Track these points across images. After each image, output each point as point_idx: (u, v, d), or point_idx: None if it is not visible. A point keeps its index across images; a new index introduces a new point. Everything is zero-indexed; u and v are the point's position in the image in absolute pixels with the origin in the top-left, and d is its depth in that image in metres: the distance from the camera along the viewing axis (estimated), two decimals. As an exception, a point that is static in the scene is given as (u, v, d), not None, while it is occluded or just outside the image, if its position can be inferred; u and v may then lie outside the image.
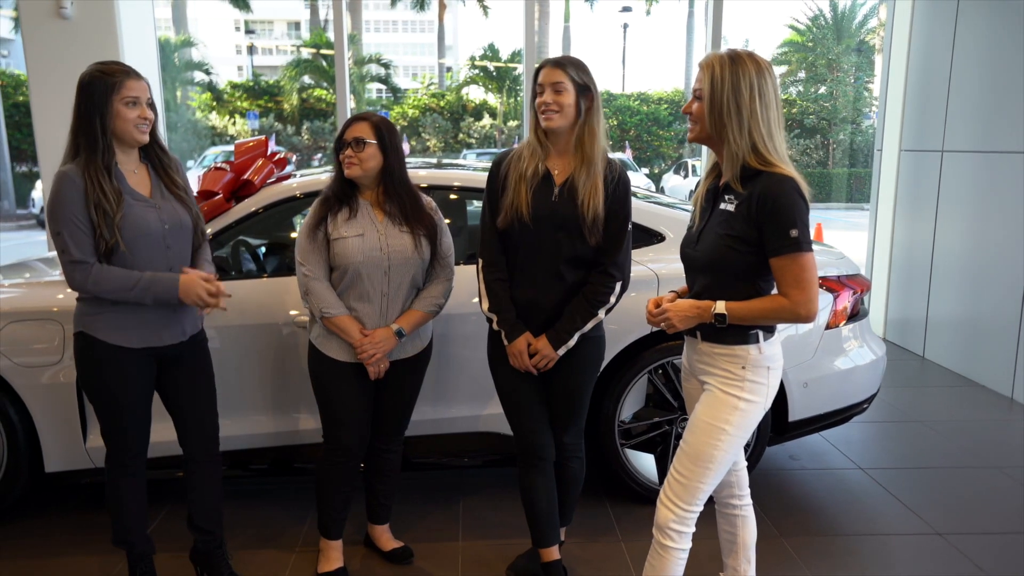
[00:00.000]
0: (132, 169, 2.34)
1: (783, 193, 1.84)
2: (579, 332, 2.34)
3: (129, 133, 2.27)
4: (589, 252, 2.34)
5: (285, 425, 3.07)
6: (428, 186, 3.26)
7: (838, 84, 25.12)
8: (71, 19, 5.27)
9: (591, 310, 2.34)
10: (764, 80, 1.90)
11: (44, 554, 2.89)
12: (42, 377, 2.88)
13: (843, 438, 4.01)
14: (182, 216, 2.40)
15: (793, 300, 1.86)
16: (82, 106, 2.23)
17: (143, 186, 2.35)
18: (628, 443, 3.18)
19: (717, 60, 1.91)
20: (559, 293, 2.36)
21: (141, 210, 2.29)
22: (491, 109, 25.16)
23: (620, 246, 2.34)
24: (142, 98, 2.27)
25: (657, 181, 21.37)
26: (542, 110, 2.28)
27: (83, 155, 2.23)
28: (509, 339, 2.38)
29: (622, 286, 2.38)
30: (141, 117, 2.27)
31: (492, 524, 3.10)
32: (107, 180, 2.22)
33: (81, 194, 2.19)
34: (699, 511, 2.00)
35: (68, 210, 2.19)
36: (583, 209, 2.28)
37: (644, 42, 61.86)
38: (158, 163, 2.40)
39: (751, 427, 1.98)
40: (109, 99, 2.22)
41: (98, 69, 2.25)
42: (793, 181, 1.86)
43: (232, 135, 23.59)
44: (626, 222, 2.35)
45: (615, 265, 2.35)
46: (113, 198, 2.21)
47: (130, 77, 2.26)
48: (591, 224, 2.29)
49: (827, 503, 3.32)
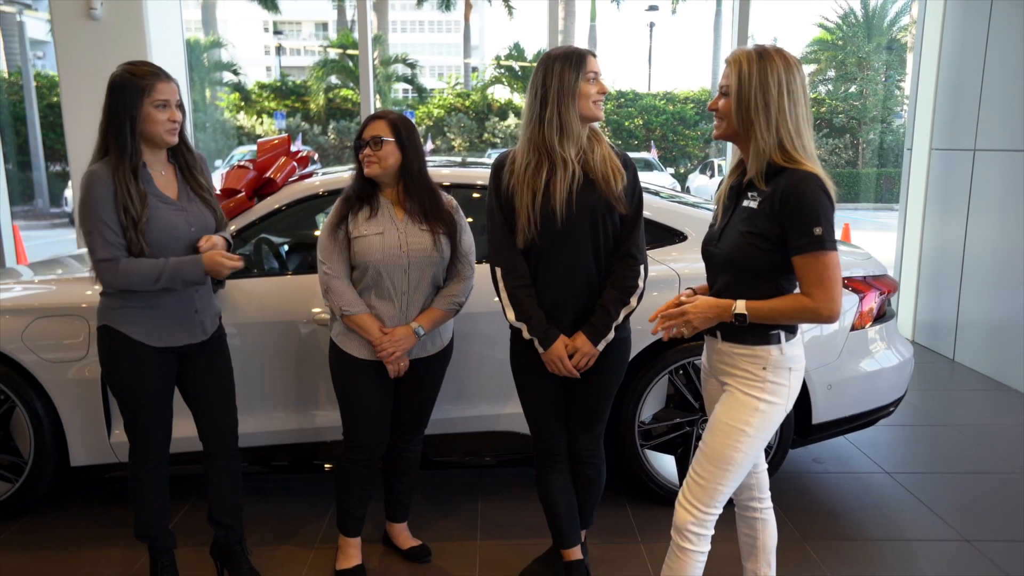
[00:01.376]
0: (160, 170, 2.37)
1: (807, 190, 1.81)
2: (615, 323, 2.30)
3: (159, 135, 2.29)
4: (611, 235, 2.30)
5: (306, 422, 3.08)
6: (451, 184, 3.26)
7: (868, 83, 24.74)
8: (100, 20, 5.35)
9: (623, 298, 2.30)
10: (792, 76, 1.86)
11: (69, 546, 2.94)
12: (68, 372, 2.93)
13: (869, 441, 3.95)
14: (208, 219, 2.43)
15: (815, 300, 1.82)
16: (112, 107, 2.25)
17: (170, 188, 2.38)
18: (648, 444, 3.15)
19: (745, 56, 1.88)
20: (585, 286, 2.30)
21: (168, 213, 2.32)
22: (516, 109, 25.13)
23: (638, 228, 2.32)
24: (172, 100, 2.29)
25: (683, 181, 21.20)
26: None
27: (112, 156, 2.26)
28: (545, 346, 2.28)
29: (645, 268, 2.34)
30: (171, 119, 2.29)
31: (511, 524, 3.09)
32: (133, 183, 2.24)
33: (111, 193, 2.22)
34: (718, 513, 1.97)
35: (98, 209, 2.22)
36: (606, 178, 2.24)
37: (670, 41, 61.43)
38: (184, 164, 2.42)
39: (771, 429, 1.95)
40: (140, 102, 2.24)
41: (128, 71, 2.26)
42: (818, 178, 1.83)
43: (259, 135, 23.85)
44: (640, 204, 2.33)
45: (635, 247, 2.32)
46: (138, 202, 2.23)
47: (160, 79, 2.27)
48: (619, 193, 2.25)
49: (852, 507, 3.26)
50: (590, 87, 2.22)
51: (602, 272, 2.31)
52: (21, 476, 3.02)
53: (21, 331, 2.91)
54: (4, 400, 2.98)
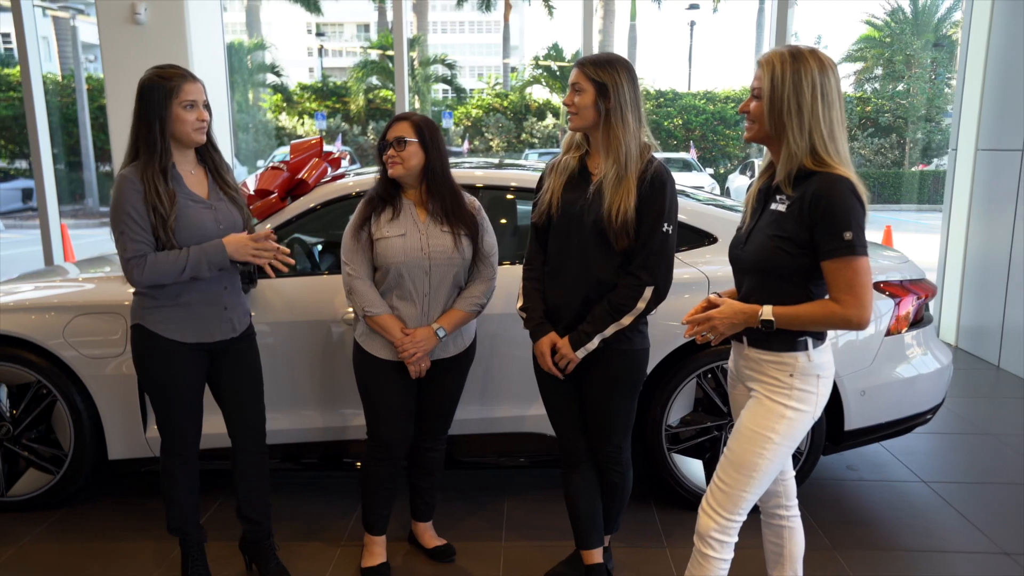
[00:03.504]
0: (190, 170, 2.42)
1: (838, 194, 1.77)
2: (600, 336, 2.26)
3: (187, 135, 2.35)
4: (620, 255, 2.27)
5: (335, 420, 3.12)
6: (484, 186, 3.27)
7: (916, 81, 24.14)
8: (144, 25, 5.49)
9: (613, 315, 2.24)
10: (827, 78, 1.82)
11: (106, 537, 3.02)
12: (106, 368, 3.01)
13: (905, 449, 3.85)
14: (236, 217, 2.48)
15: (845, 306, 1.78)
16: (142, 110, 2.32)
17: (200, 187, 2.43)
18: (676, 448, 3.13)
19: (778, 57, 1.84)
20: (589, 294, 2.29)
21: (198, 211, 2.37)
22: (554, 109, 25.10)
23: (651, 247, 2.22)
24: (199, 100, 2.35)
25: (723, 181, 20.93)
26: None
27: (142, 158, 2.32)
28: (533, 338, 2.38)
29: (654, 292, 2.24)
30: (199, 119, 2.35)
31: (536, 525, 3.09)
32: (163, 183, 2.30)
33: (141, 195, 2.28)
34: (742, 521, 1.94)
35: (127, 210, 2.28)
36: (611, 213, 2.20)
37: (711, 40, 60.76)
38: (212, 164, 2.48)
39: (798, 437, 1.91)
40: (168, 103, 2.30)
41: (156, 74, 2.33)
42: (849, 181, 1.79)
43: (300, 135, 24.21)
44: (658, 222, 2.21)
45: (644, 268, 2.23)
46: (167, 201, 2.29)
47: (187, 80, 2.33)
48: (619, 228, 2.20)
49: (885, 516, 3.19)
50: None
51: (612, 286, 2.28)
52: (61, 468, 3.12)
53: (63, 327, 3.01)
54: (46, 394, 3.07)
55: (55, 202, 6.15)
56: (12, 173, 20.65)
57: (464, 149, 23.33)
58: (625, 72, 2.23)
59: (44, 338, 3.00)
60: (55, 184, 6.14)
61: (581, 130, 2.30)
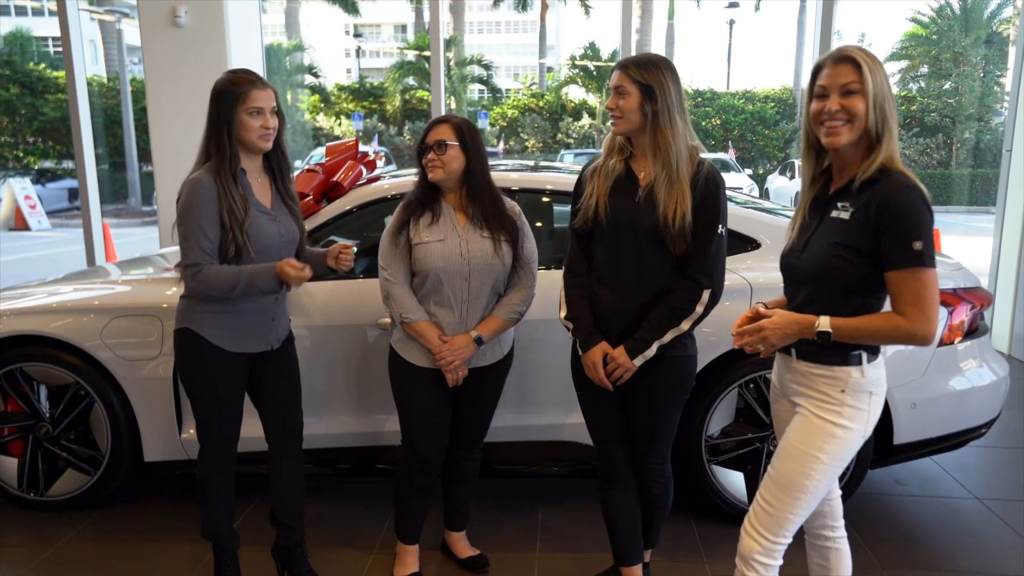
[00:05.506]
0: (256, 178, 2.43)
1: (909, 202, 1.68)
2: (658, 342, 2.19)
3: (252, 141, 2.35)
4: (674, 259, 2.20)
5: (370, 426, 3.09)
6: (519, 189, 3.21)
7: (964, 79, 23.48)
8: (185, 27, 5.55)
9: (673, 320, 2.19)
10: (888, 81, 1.77)
11: (141, 538, 3.03)
12: (143, 370, 3.02)
13: (957, 463, 3.70)
14: (295, 231, 2.49)
15: (911, 320, 1.68)
16: (213, 115, 2.33)
17: (265, 196, 2.44)
18: (716, 460, 3.03)
19: (863, 54, 1.75)
20: (643, 300, 2.22)
21: (264, 222, 2.38)
22: (590, 109, 24.97)
23: (707, 250, 2.17)
24: (266, 107, 2.34)
25: (761, 182, 20.59)
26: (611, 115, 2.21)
27: (214, 161, 2.33)
28: (583, 349, 2.28)
29: (711, 295, 2.20)
30: (263, 127, 2.34)
31: (571, 537, 3.02)
32: (234, 187, 2.31)
33: (214, 200, 2.28)
34: (787, 543, 1.85)
35: (197, 216, 2.27)
36: (668, 218, 2.13)
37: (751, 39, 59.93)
38: (279, 172, 2.47)
39: (848, 456, 1.82)
40: (235, 108, 2.30)
41: (228, 79, 2.34)
42: (919, 190, 1.70)
43: (337, 136, 24.44)
44: (713, 225, 2.16)
45: (702, 271, 2.18)
46: (241, 205, 2.30)
47: (255, 87, 2.32)
48: (676, 233, 2.14)
49: (936, 535, 3.06)
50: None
51: (666, 291, 2.21)
52: (99, 469, 3.14)
53: (100, 329, 3.02)
54: (84, 396, 3.10)
55: (97, 203, 6.24)
56: (59, 173, 21.21)
57: (499, 150, 23.32)
58: (669, 72, 2.17)
59: (82, 340, 3.01)
60: (98, 184, 6.24)
61: (626, 134, 2.22)
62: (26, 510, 3.20)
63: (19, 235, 14.55)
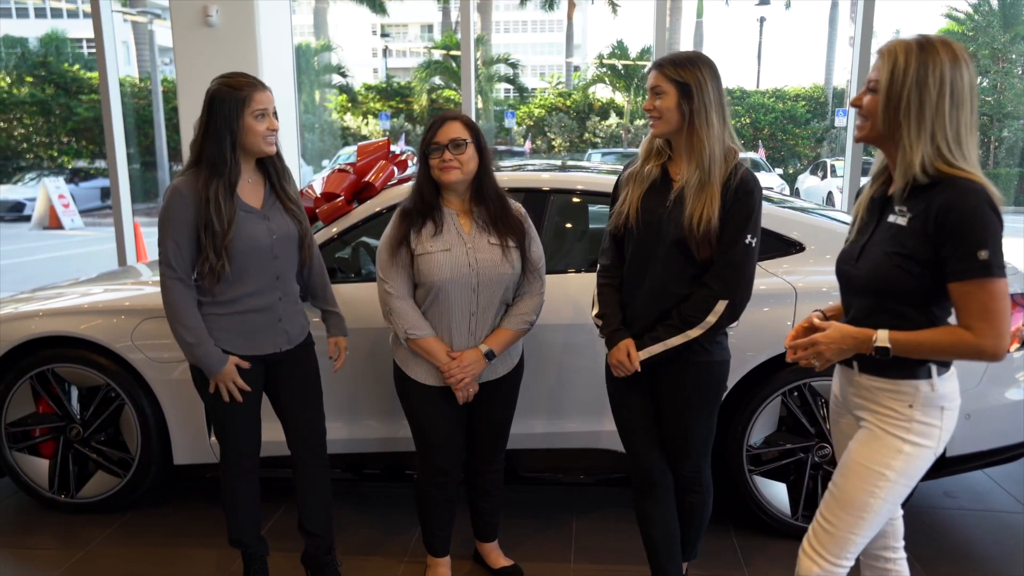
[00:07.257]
0: (247, 178, 2.33)
1: (972, 206, 1.53)
2: (663, 346, 2.12)
3: (258, 145, 2.27)
4: (700, 266, 2.11)
5: (398, 431, 3.03)
6: (550, 190, 3.13)
7: (1004, 76, 22.93)
8: (216, 27, 5.54)
9: (680, 326, 2.11)
10: (959, 73, 1.57)
11: (170, 543, 3.00)
12: (173, 372, 2.99)
13: (1009, 476, 3.55)
14: (290, 228, 2.39)
15: (978, 335, 1.54)
16: (211, 121, 2.22)
17: (255, 196, 2.35)
18: (757, 470, 2.93)
19: (902, 47, 1.61)
20: (665, 305, 2.14)
21: (251, 222, 2.29)
22: (618, 108, 24.80)
23: (729, 258, 2.07)
24: (269, 109, 2.27)
25: (792, 182, 20.26)
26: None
27: (205, 171, 2.23)
28: (608, 345, 2.21)
29: (728, 306, 2.08)
30: (269, 129, 2.27)
31: (606, 548, 2.93)
32: (227, 199, 2.21)
33: (191, 212, 2.20)
34: (849, 566, 1.74)
35: (172, 228, 2.21)
36: (692, 222, 2.05)
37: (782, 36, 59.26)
38: (274, 172, 2.39)
39: (917, 475, 1.70)
40: (240, 113, 2.21)
41: (225, 83, 2.23)
42: (984, 191, 1.54)
43: (364, 135, 24.54)
44: (741, 232, 2.06)
45: (718, 279, 2.08)
46: (226, 219, 2.20)
47: (257, 89, 2.24)
48: (701, 238, 2.05)
49: (990, 550, 2.92)
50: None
51: (687, 296, 2.14)
52: (129, 471, 3.11)
53: (131, 331, 2.99)
54: (115, 398, 3.07)
55: (129, 202, 6.26)
56: (92, 172, 21.53)
57: (526, 149, 23.23)
58: (708, 70, 2.07)
59: (112, 341, 2.99)
60: (129, 184, 6.26)
61: (665, 135, 2.13)
62: (57, 511, 3.19)
63: (53, 233, 14.76)
